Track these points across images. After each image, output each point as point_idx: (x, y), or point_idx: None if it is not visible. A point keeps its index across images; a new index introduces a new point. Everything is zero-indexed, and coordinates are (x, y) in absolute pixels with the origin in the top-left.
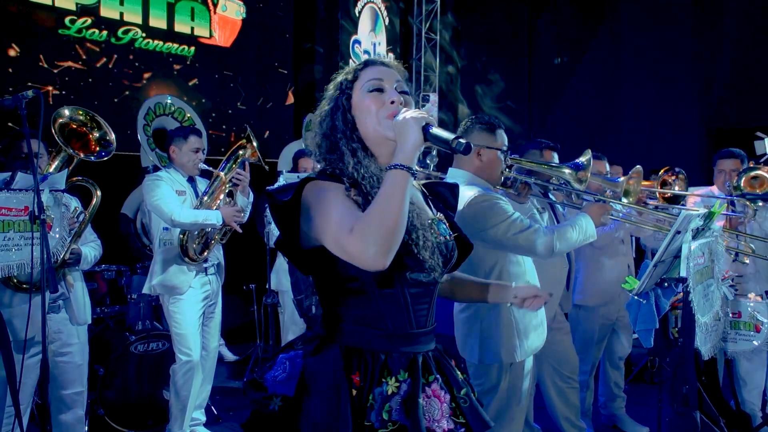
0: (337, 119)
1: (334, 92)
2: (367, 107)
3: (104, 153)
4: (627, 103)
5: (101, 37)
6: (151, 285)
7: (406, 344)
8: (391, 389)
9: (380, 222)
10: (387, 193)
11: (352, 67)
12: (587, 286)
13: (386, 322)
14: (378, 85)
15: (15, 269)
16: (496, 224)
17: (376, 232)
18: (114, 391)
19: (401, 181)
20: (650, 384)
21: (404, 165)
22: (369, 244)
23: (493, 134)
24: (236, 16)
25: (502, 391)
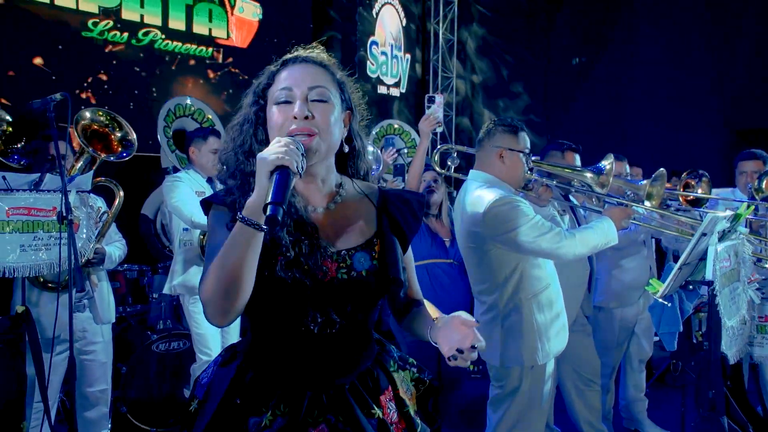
0: (245, 134)
1: (248, 100)
2: (274, 123)
3: (126, 153)
4: (646, 104)
5: (122, 39)
6: (171, 285)
7: (296, 380)
8: (265, 422)
9: (214, 282)
10: (226, 248)
11: (269, 68)
12: (608, 288)
13: (277, 358)
14: (287, 96)
15: (44, 269)
16: (518, 227)
17: (211, 294)
18: (136, 390)
19: (243, 239)
20: (672, 387)
21: (249, 219)
22: (207, 304)
23: (516, 136)
24: (253, 18)
25: (523, 393)
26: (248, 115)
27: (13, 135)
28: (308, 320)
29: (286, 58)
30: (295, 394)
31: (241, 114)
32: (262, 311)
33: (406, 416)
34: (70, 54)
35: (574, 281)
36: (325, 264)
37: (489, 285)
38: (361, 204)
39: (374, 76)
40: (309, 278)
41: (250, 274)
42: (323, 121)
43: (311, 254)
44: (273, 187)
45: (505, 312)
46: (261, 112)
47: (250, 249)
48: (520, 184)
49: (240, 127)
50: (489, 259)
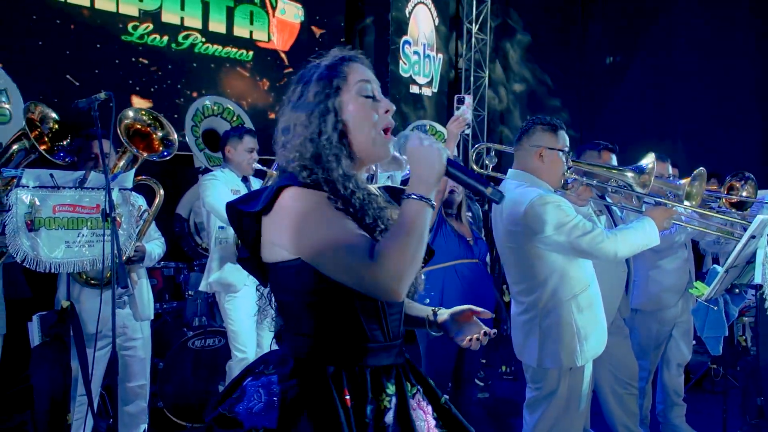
0: (324, 124)
1: (321, 90)
2: (364, 116)
3: (167, 152)
4: (683, 103)
5: (162, 42)
6: (207, 282)
7: (386, 357)
8: (384, 404)
9: (402, 256)
10: (409, 225)
11: (331, 60)
12: (646, 290)
13: (367, 335)
14: (371, 91)
15: (87, 265)
16: (559, 227)
17: (398, 267)
18: (172, 385)
19: (423, 215)
20: (711, 393)
21: (425, 197)
22: (390, 278)
23: (555, 135)
24: (294, 20)
25: (561, 395)
26: (328, 105)
27: (59, 133)
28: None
29: (348, 54)
30: (390, 372)
31: (311, 103)
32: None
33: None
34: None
35: (612, 283)
36: None
37: (528, 285)
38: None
39: (407, 75)
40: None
41: (425, 247)
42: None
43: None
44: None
45: (543, 312)
46: (340, 102)
47: (428, 224)
48: (559, 183)
49: (319, 116)
50: (528, 258)
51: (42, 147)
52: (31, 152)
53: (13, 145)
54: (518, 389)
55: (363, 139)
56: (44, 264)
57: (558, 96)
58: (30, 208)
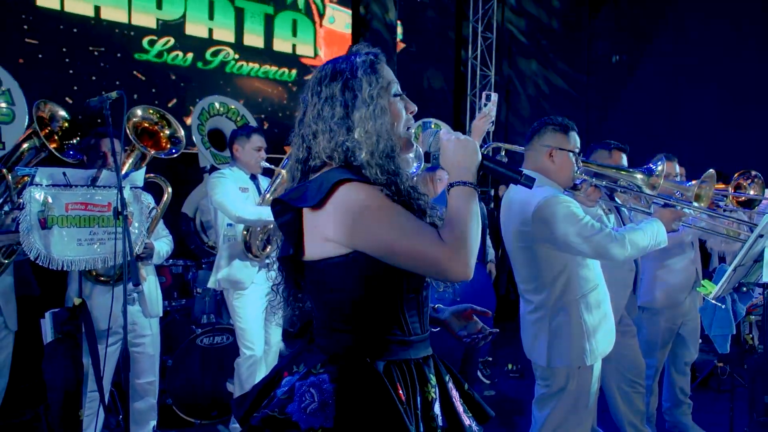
0: (385, 122)
1: (373, 88)
2: (398, 114)
3: (174, 150)
4: (691, 102)
5: (185, 62)
6: (216, 279)
7: (424, 348)
8: (430, 395)
9: (470, 238)
10: (466, 210)
11: (369, 58)
12: (653, 289)
13: (408, 329)
14: (400, 90)
15: (99, 263)
16: (568, 228)
17: (468, 249)
18: (181, 382)
19: (474, 200)
20: (717, 391)
21: (472, 183)
22: (463, 259)
23: (566, 135)
24: (346, 30)
25: (570, 393)
26: (382, 105)
27: (69, 131)
28: (426, 285)
29: (378, 52)
30: (429, 363)
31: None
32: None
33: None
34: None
35: (619, 282)
36: None
37: (537, 284)
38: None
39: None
40: None
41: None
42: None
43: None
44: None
45: (553, 312)
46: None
47: (477, 207)
48: (570, 183)
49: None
50: (537, 258)
51: (52, 145)
52: (41, 150)
53: (23, 144)
54: (524, 387)
55: (399, 135)
56: (57, 262)
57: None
58: (43, 206)
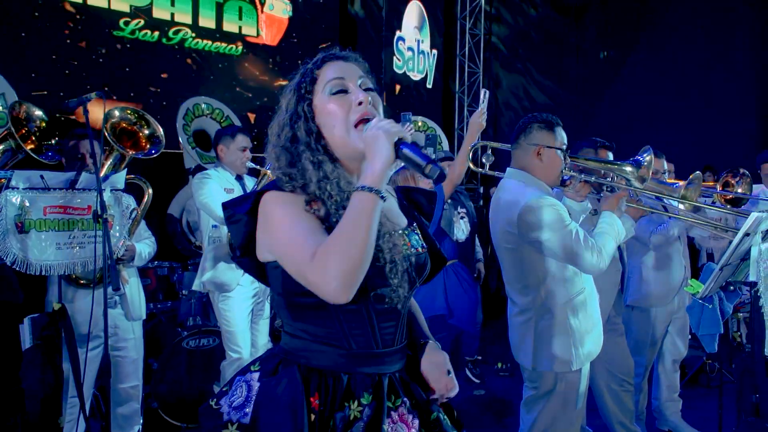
0: (297, 129)
1: (292, 97)
2: (332, 113)
3: (154, 150)
4: (679, 98)
5: (153, 37)
6: (201, 281)
7: (370, 365)
8: (354, 414)
9: (344, 253)
10: (352, 220)
11: (308, 66)
12: (641, 287)
13: (349, 341)
14: (341, 86)
15: (79, 267)
16: (552, 233)
17: (339, 265)
18: (167, 386)
19: (368, 207)
20: (707, 388)
21: (372, 187)
22: (330, 277)
23: (553, 132)
24: (283, 15)
25: (558, 395)
26: (297, 111)
27: (47, 131)
28: (382, 300)
29: (325, 55)
30: (373, 381)
31: (284, 111)
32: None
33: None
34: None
35: (606, 281)
36: (395, 241)
37: (523, 286)
38: (390, 194)
39: (400, 72)
40: (388, 255)
41: (373, 243)
42: (377, 109)
43: (393, 231)
44: (417, 153)
45: (539, 315)
46: (309, 106)
47: (377, 217)
48: (557, 181)
49: (290, 123)
50: (523, 260)
51: (29, 146)
52: (17, 152)
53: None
54: (514, 386)
55: (337, 138)
56: (34, 266)
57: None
58: (20, 210)
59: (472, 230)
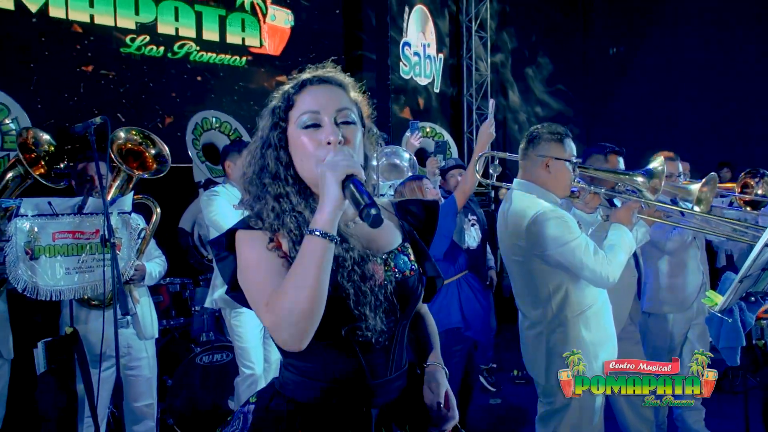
0: (268, 158)
1: (267, 121)
2: (302, 146)
3: (161, 169)
4: (691, 93)
5: (158, 52)
6: (212, 299)
7: (358, 398)
8: None
9: (292, 302)
10: (301, 265)
11: (286, 88)
12: (658, 294)
13: (333, 374)
14: (314, 120)
15: (88, 290)
16: (561, 246)
17: (288, 315)
18: (181, 401)
19: (317, 252)
20: (731, 394)
21: (321, 231)
22: (281, 327)
23: (562, 144)
24: (285, 25)
25: (573, 410)
26: (269, 138)
27: (55, 155)
28: (364, 331)
29: (305, 79)
30: (359, 415)
31: (259, 137)
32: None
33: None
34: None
35: (622, 288)
36: (375, 269)
37: (533, 299)
38: (386, 210)
39: (407, 77)
40: (366, 285)
41: (325, 288)
42: (353, 143)
43: (363, 261)
44: (361, 193)
45: (550, 328)
46: (282, 134)
47: (327, 262)
48: (566, 193)
49: (261, 150)
50: (533, 273)
51: (37, 172)
52: (27, 178)
53: (7, 173)
54: (531, 394)
55: (306, 171)
56: (44, 292)
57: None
58: (29, 237)
59: (483, 237)
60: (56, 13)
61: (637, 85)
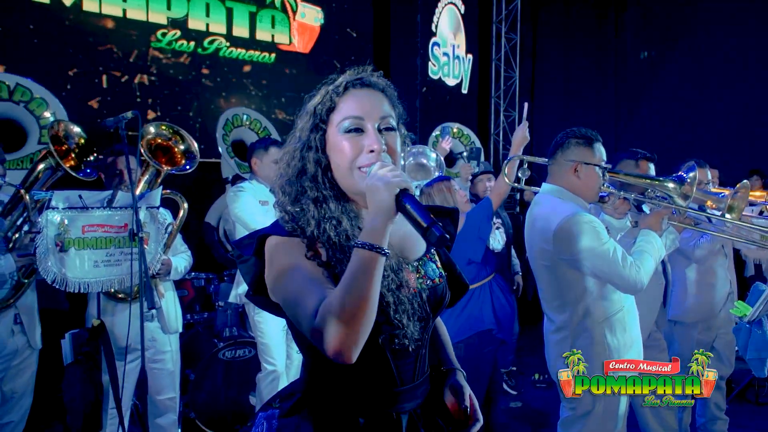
0: (307, 161)
1: (307, 122)
2: (342, 151)
3: (189, 165)
4: (722, 99)
5: (189, 48)
6: (236, 293)
7: (388, 404)
8: None
9: (345, 315)
10: (352, 278)
11: (330, 89)
12: (684, 302)
13: (364, 381)
14: (357, 125)
15: (115, 284)
16: (589, 251)
17: (340, 328)
18: (204, 396)
19: (369, 266)
20: (756, 405)
21: (374, 245)
22: (332, 340)
23: (591, 148)
24: (314, 23)
25: (597, 415)
26: (309, 140)
27: (86, 147)
28: (401, 339)
29: (348, 81)
30: (390, 421)
31: (298, 138)
32: None
33: None
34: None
35: (648, 296)
36: (408, 276)
37: (559, 304)
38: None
39: (436, 77)
40: (402, 293)
41: (376, 302)
42: (394, 150)
43: (399, 269)
44: (418, 210)
45: (576, 333)
46: (323, 137)
47: (380, 275)
48: (595, 198)
49: (301, 152)
50: (559, 278)
51: (68, 164)
52: (57, 170)
53: (39, 165)
54: (552, 397)
55: (343, 177)
56: (73, 284)
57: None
58: (60, 229)
59: (507, 240)
60: (90, 7)
61: (668, 90)
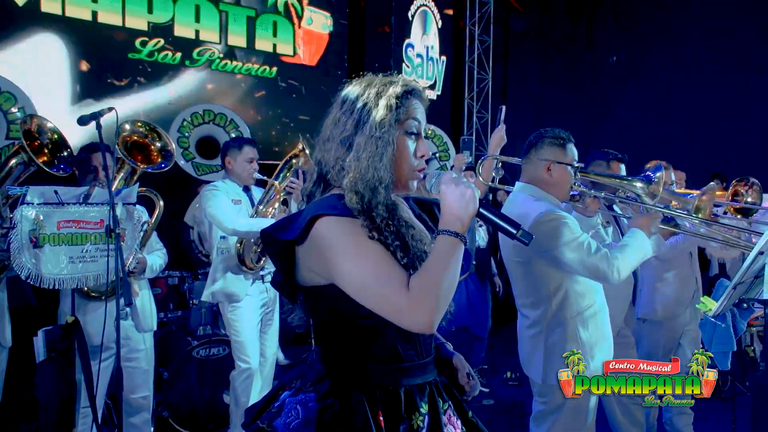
0: (385, 153)
1: (388, 118)
2: (405, 150)
3: (164, 163)
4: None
5: (175, 59)
6: (210, 292)
7: (419, 375)
8: (416, 423)
9: (438, 291)
10: (444, 261)
11: (394, 92)
12: (652, 300)
13: (400, 356)
14: (418, 129)
15: (91, 280)
16: (564, 246)
17: (433, 302)
18: (177, 394)
19: (458, 252)
20: (719, 400)
21: (460, 234)
22: (424, 313)
23: (564, 148)
24: (323, 30)
25: (568, 410)
26: (391, 136)
27: (58, 144)
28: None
29: (413, 88)
30: (423, 390)
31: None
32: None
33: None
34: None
35: (618, 294)
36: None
37: (533, 300)
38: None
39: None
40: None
41: (457, 281)
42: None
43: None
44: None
45: (549, 328)
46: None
47: (460, 258)
48: (567, 196)
49: (384, 147)
50: (534, 274)
51: (41, 159)
52: (30, 165)
53: (11, 160)
54: (523, 395)
55: (402, 172)
56: (47, 280)
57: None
58: (35, 225)
59: (489, 239)
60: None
61: (636, 94)
